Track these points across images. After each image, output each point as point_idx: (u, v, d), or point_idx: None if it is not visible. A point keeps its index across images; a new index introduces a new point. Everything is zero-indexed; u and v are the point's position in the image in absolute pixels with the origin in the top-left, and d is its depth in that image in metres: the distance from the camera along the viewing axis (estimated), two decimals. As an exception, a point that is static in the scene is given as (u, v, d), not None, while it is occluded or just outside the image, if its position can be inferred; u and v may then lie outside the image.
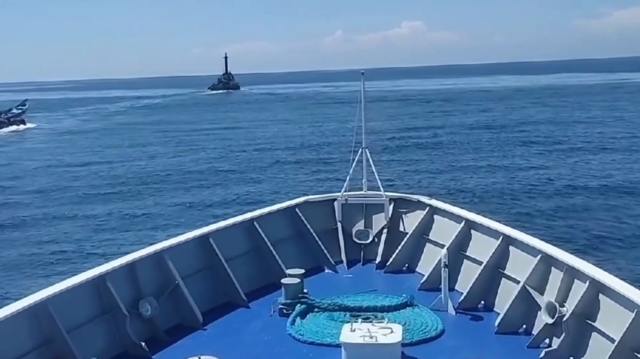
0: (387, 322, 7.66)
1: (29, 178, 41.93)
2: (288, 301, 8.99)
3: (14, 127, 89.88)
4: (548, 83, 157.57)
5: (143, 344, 7.91)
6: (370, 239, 11.27)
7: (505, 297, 8.69)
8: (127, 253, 8.91)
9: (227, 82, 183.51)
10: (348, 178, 11.45)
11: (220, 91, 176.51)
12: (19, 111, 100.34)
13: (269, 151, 50.11)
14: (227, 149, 52.44)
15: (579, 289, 7.70)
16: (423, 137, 54.97)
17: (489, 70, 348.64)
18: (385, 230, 11.20)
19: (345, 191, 11.47)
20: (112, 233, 26.70)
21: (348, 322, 7.82)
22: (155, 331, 8.37)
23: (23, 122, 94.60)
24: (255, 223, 10.37)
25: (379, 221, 11.35)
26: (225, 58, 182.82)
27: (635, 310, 6.79)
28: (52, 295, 7.30)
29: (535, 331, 8.11)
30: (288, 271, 9.45)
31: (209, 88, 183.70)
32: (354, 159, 11.45)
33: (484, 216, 10.15)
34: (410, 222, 11.07)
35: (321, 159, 43.89)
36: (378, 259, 10.96)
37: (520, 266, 8.76)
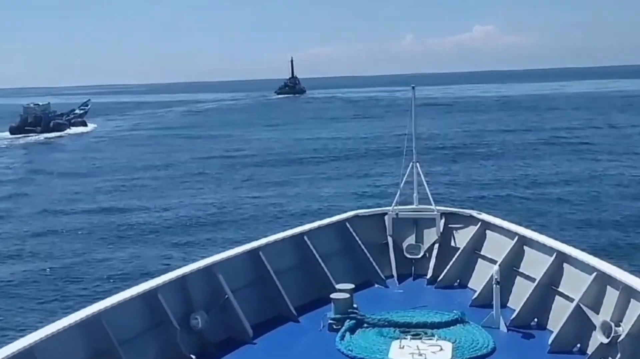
0: (437, 339, 7.58)
1: (81, 186, 42.80)
2: (337, 316, 8.95)
3: (74, 130, 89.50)
4: (633, 89, 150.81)
5: (194, 357, 7.98)
6: (421, 254, 11.16)
7: (559, 315, 8.51)
8: (178, 266, 9.01)
9: (293, 86, 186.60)
10: (398, 192, 11.39)
11: (287, 95, 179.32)
12: (82, 111, 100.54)
13: (321, 161, 50.51)
14: (278, 157, 53.04)
15: (635, 308, 7.50)
16: (477, 148, 54.39)
17: (563, 75, 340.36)
18: (436, 245, 11.09)
19: (395, 205, 11.40)
20: (163, 246, 27.06)
21: (397, 338, 7.76)
22: (206, 344, 8.42)
23: (84, 124, 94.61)
24: (305, 237, 10.37)
25: (430, 236, 11.25)
26: (292, 62, 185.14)
27: None
28: (105, 309, 7.41)
29: (589, 351, 7.92)
30: (338, 286, 9.43)
31: (275, 92, 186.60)
32: (404, 173, 11.40)
33: (537, 231, 9.99)
34: (462, 237, 10.95)
35: (373, 171, 43.80)
36: (429, 274, 10.85)
37: (574, 284, 8.57)
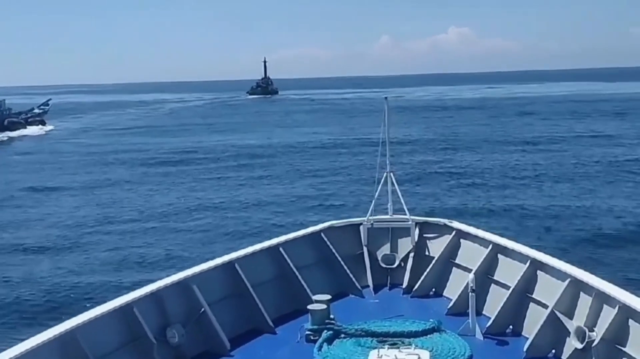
0: (415, 348, 7.60)
1: (42, 194, 42.09)
2: (315, 327, 8.95)
3: (30, 130, 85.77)
4: (607, 93, 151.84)
5: None
6: (397, 263, 11.21)
7: (534, 322, 8.59)
8: (153, 280, 8.96)
9: (265, 86, 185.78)
10: (373, 202, 11.43)
11: (259, 96, 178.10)
12: (41, 111, 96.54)
13: (293, 169, 50.20)
14: (248, 167, 52.36)
15: (608, 314, 7.60)
16: (450, 158, 54.51)
17: (537, 77, 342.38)
18: (411, 254, 11.15)
19: (370, 215, 11.45)
20: (136, 260, 26.82)
21: (375, 348, 7.77)
22: (183, 358, 8.38)
23: (43, 123, 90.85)
24: (280, 249, 10.37)
25: (405, 245, 11.31)
26: (265, 62, 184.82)
27: None
28: (81, 324, 7.35)
29: (564, 357, 8.01)
30: (314, 297, 9.44)
31: (247, 92, 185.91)
32: (378, 183, 11.45)
33: (512, 240, 10.08)
34: (437, 246, 11.02)
35: (346, 180, 43.83)
36: (405, 284, 10.90)
37: (548, 291, 8.67)
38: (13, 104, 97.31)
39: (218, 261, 9.62)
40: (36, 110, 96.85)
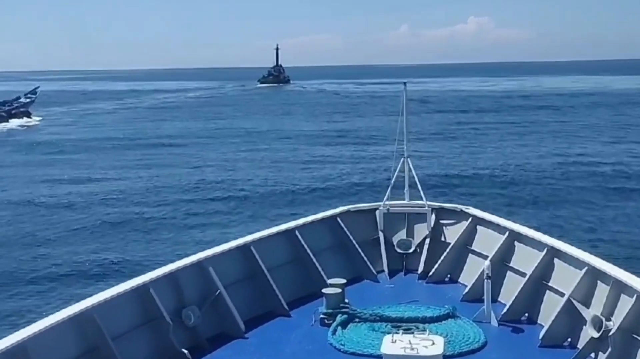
0: (429, 333, 7.60)
1: (55, 181, 41.43)
2: (329, 311, 8.99)
3: (13, 122, 76.65)
4: (623, 87, 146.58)
5: (186, 352, 7.99)
6: (412, 249, 11.21)
7: (550, 310, 8.56)
8: (169, 262, 9.01)
9: (277, 75, 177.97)
10: (390, 187, 11.42)
11: (270, 84, 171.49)
12: (28, 100, 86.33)
13: (309, 156, 50.00)
14: (264, 153, 52.11)
15: (626, 303, 7.56)
16: (468, 144, 54.29)
17: (555, 69, 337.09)
18: (427, 240, 11.14)
19: (387, 200, 11.43)
20: (154, 241, 27.00)
21: (389, 333, 7.78)
22: (198, 339, 8.44)
23: (28, 114, 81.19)
24: (296, 233, 10.39)
25: (421, 231, 11.29)
26: (277, 50, 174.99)
27: None
28: (98, 304, 7.41)
29: (580, 346, 7.97)
30: (329, 281, 9.46)
31: (258, 81, 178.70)
32: (395, 168, 11.43)
33: (528, 227, 10.03)
34: (453, 232, 10.99)
35: (363, 167, 43.75)
36: (420, 269, 10.89)
37: (565, 279, 8.62)
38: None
39: (234, 243, 9.66)
40: (22, 100, 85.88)
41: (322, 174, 41.96)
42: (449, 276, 10.75)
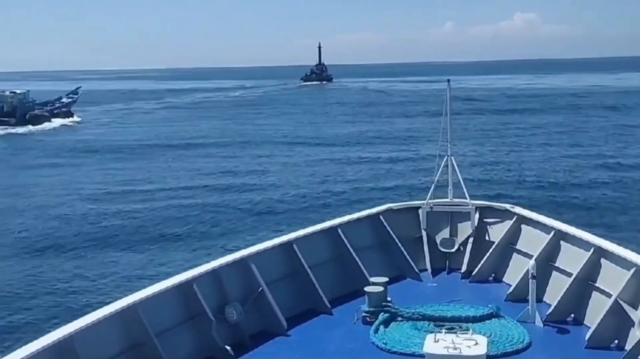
0: (472, 333, 7.51)
1: (96, 181, 42.05)
2: (371, 309, 8.95)
3: (55, 122, 77.41)
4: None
5: (228, 349, 8.03)
6: (456, 248, 11.11)
7: (597, 311, 8.41)
8: (213, 258, 9.07)
9: (319, 73, 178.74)
10: (433, 185, 11.32)
11: (313, 82, 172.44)
12: (70, 100, 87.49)
13: (351, 155, 49.92)
14: (307, 151, 52.27)
15: None
16: (513, 143, 53.61)
17: (604, 66, 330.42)
18: (471, 239, 11.03)
19: (430, 198, 11.35)
20: (197, 238, 27.26)
21: (432, 332, 7.72)
22: (241, 336, 8.47)
23: (69, 114, 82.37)
24: (339, 230, 10.38)
25: (465, 229, 11.19)
26: (319, 48, 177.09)
27: None
28: (141, 300, 7.49)
29: (628, 347, 7.81)
30: (371, 279, 9.43)
31: (301, 79, 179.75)
32: (439, 166, 11.34)
33: (574, 226, 9.87)
34: (497, 231, 10.87)
35: (405, 165, 43.55)
36: (463, 268, 10.80)
37: (612, 279, 8.46)
38: (41, 92, 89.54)
39: (276, 241, 9.69)
40: (64, 100, 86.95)
41: (364, 172, 41.97)
42: (493, 275, 10.63)
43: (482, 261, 10.60)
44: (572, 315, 8.92)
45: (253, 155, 51.23)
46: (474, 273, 10.60)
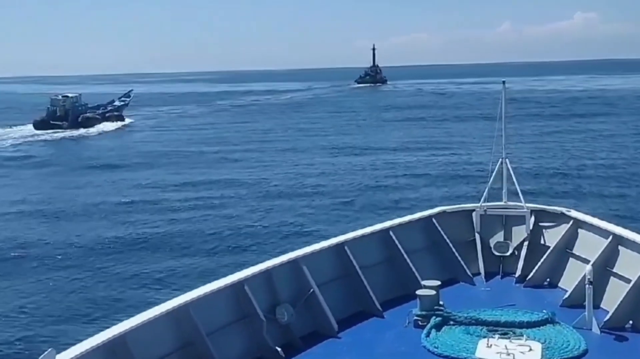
0: (526, 339, 7.39)
1: (147, 184, 42.44)
2: (423, 312, 8.87)
3: (106, 126, 78.05)
4: None
5: (279, 350, 8.04)
6: (510, 252, 10.94)
7: None
8: (264, 259, 9.10)
9: (374, 75, 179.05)
10: (487, 188, 11.18)
11: (367, 84, 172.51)
12: (122, 103, 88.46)
13: (403, 158, 49.54)
14: (357, 155, 51.50)
15: None
16: (572, 146, 52.44)
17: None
18: (525, 243, 10.84)
19: (484, 201, 11.20)
20: (249, 239, 27.46)
21: (485, 337, 7.61)
22: (291, 337, 8.48)
23: (121, 118, 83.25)
24: (390, 233, 10.31)
25: (520, 233, 11.01)
26: (374, 50, 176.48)
27: None
28: (193, 300, 7.56)
29: None
30: (423, 283, 9.34)
31: (355, 81, 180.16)
32: (493, 169, 11.18)
33: (634, 231, 9.61)
34: (553, 235, 10.66)
35: (459, 169, 43.10)
36: (518, 273, 10.62)
37: None
38: (96, 95, 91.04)
39: (328, 242, 9.67)
40: (116, 103, 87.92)
41: (417, 175, 41.69)
42: (548, 280, 10.43)
43: (537, 266, 10.40)
44: (631, 322, 8.69)
45: (303, 159, 51.31)
46: (528, 277, 10.41)
